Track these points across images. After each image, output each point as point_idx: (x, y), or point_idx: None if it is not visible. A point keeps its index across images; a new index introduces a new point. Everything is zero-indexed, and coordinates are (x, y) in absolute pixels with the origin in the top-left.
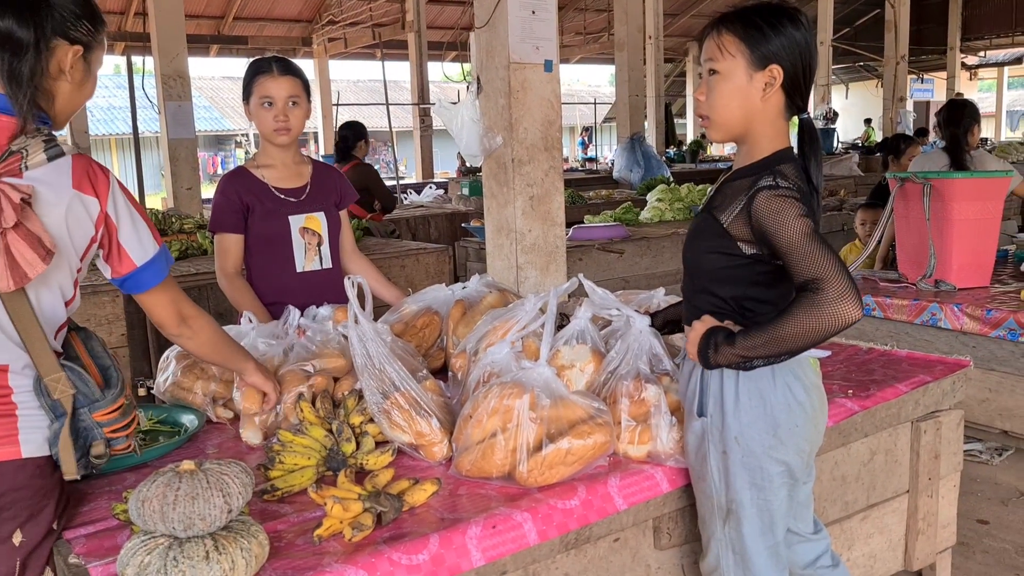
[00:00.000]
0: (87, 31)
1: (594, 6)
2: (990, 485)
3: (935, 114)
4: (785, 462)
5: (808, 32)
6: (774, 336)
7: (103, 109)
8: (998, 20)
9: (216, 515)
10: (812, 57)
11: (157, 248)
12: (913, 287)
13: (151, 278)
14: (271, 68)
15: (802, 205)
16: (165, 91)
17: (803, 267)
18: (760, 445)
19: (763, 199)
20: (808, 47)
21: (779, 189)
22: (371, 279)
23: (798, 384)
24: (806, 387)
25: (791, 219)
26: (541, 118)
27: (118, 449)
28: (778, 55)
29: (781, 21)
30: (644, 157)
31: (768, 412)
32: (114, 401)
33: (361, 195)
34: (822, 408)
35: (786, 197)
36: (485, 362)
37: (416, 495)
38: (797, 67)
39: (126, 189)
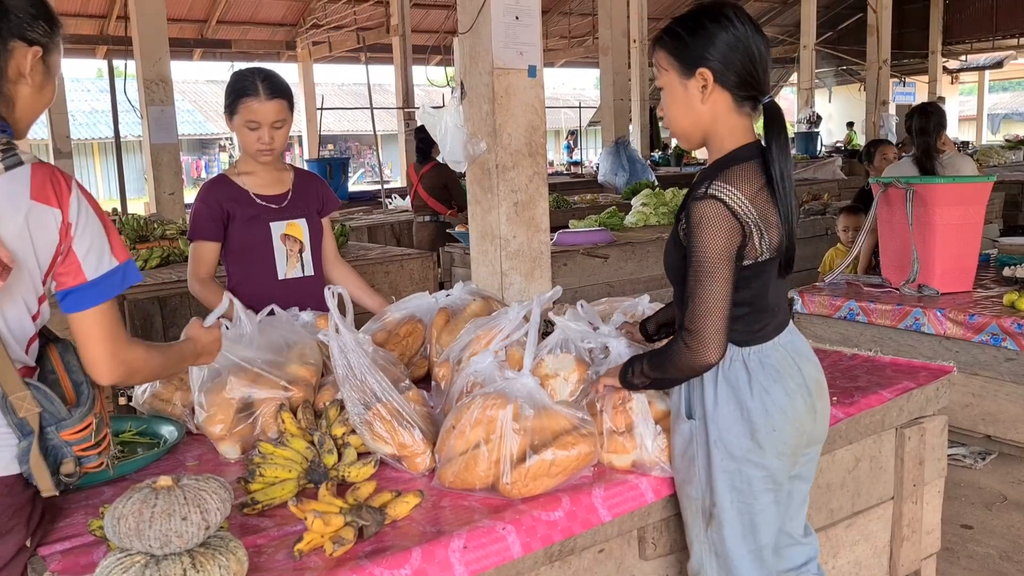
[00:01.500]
0: (44, 31)
1: (579, 10)
2: (974, 490)
3: (905, 118)
4: (765, 466)
5: (736, 23)
6: (658, 365)
7: (85, 113)
8: (978, 25)
9: (193, 532)
10: (749, 46)
11: (116, 263)
12: (896, 292)
13: (97, 295)
14: (257, 91)
15: (731, 219)
16: (147, 95)
17: (686, 298)
18: (738, 449)
19: (692, 206)
20: (738, 39)
21: (707, 199)
22: (353, 287)
23: (778, 387)
24: (788, 390)
25: (704, 236)
26: (525, 124)
27: (90, 467)
28: (702, 57)
29: (701, 23)
30: (629, 161)
31: (745, 416)
32: (82, 420)
33: (440, 193)
34: (810, 410)
35: (711, 207)
36: (468, 371)
37: (398, 508)
38: (729, 61)
39: (91, 197)
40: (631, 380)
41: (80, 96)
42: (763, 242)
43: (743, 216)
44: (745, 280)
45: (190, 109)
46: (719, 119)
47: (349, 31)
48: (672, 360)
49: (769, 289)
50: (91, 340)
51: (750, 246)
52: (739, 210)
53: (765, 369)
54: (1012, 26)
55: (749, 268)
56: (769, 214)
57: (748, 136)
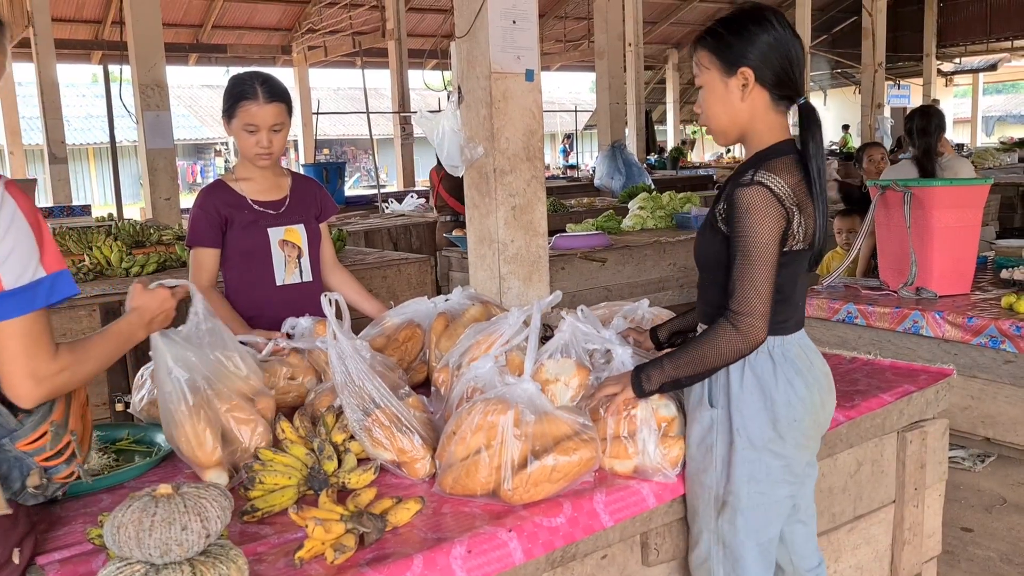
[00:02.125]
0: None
1: (574, 14)
2: (973, 492)
3: (905, 121)
4: (784, 456)
5: (776, 26)
6: (692, 358)
7: (80, 118)
8: (972, 28)
9: (194, 540)
10: (787, 48)
11: (43, 273)
12: (895, 295)
13: (15, 307)
14: (256, 94)
15: (777, 205)
16: (143, 100)
17: (733, 281)
18: (760, 438)
19: (737, 193)
20: (778, 41)
21: (753, 185)
22: (352, 292)
23: (799, 379)
24: (808, 383)
25: (752, 221)
26: (523, 128)
27: (60, 477)
28: (744, 57)
29: (744, 25)
30: (625, 164)
31: (768, 406)
32: (34, 429)
33: (459, 193)
34: (824, 404)
35: (759, 193)
36: (468, 377)
37: (399, 514)
38: (769, 62)
39: (24, 198)
40: (647, 387)
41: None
42: (800, 230)
43: (787, 202)
44: (780, 266)
45: (185, 114)
46: (757, 116)
47: (345, 35)
48: (716, 345)
49: (797, 281)
50: (4, 356)
51: (790, 233)
52: (784, 197)
53: (788, 361)
54: (1005, 29)
55: (785, 255)
56: (806, 205)
57: (785, 133)
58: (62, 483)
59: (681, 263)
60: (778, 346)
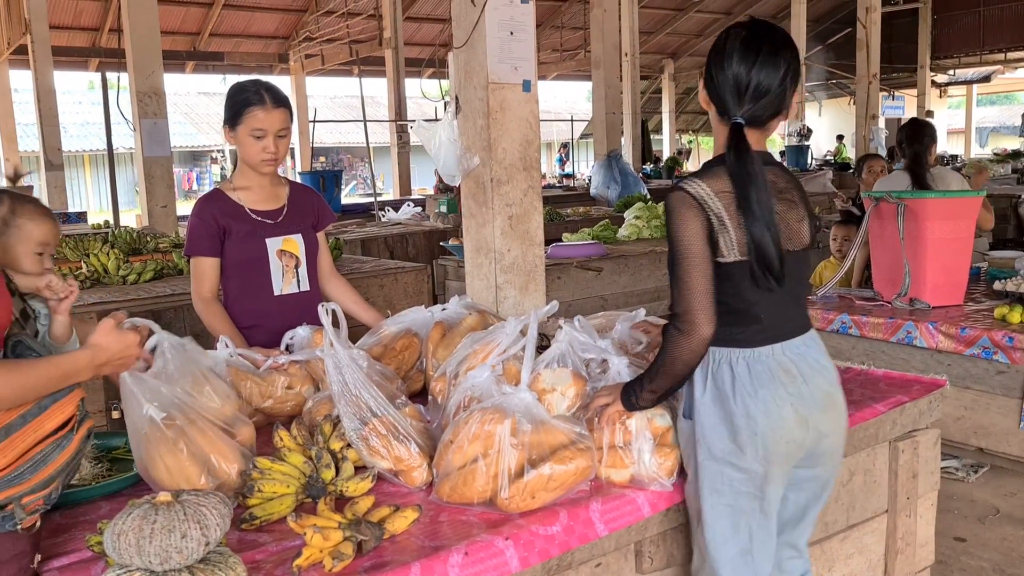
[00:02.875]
0: None
1: (571, 24)
2: (966, 502)
3: (897, 132)
4: (745, 470)
5: (726, 45)
6: (658, 368)
7: (77, 125)
8: (966, 40)
9: (193, 548)
10: (726, 67)
11: None
12: (888, 305)
13: None
14: (263, 100)
15: (694, 206)
16: (140, 108)
17: (671, 286)
18: (719, 450)
19: (665, 198)
20: (716, 53)
21: (673, 189)
22: (349, 301)
23: (764, 392)
24: (778, 397)
25: (673, 223)
26: (520, 138)
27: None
28: (704, 76)
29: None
30: (621, 174)
31: (727, 418)
32: None
33: None
34: (801, 423)
35: (677, 195)
36: (465, 386)
37: (397, 522)
38: (712, 81)
39: None
40: (636, 403)
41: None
42: (727, 241)
43: (707, 207)
44: (719, 278)
45: (182, 121)
46: (715, 129)
47: (342, 44)
48: (669, 352)
49: (745, 295)
50: None
51: (719, 243)
52: (702, 199)
53: (752, 374)
54: (999, 41)
55: (719, 267)
56: (732, 214)
57: (720, 148)
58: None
59: None
60: (742, 359)
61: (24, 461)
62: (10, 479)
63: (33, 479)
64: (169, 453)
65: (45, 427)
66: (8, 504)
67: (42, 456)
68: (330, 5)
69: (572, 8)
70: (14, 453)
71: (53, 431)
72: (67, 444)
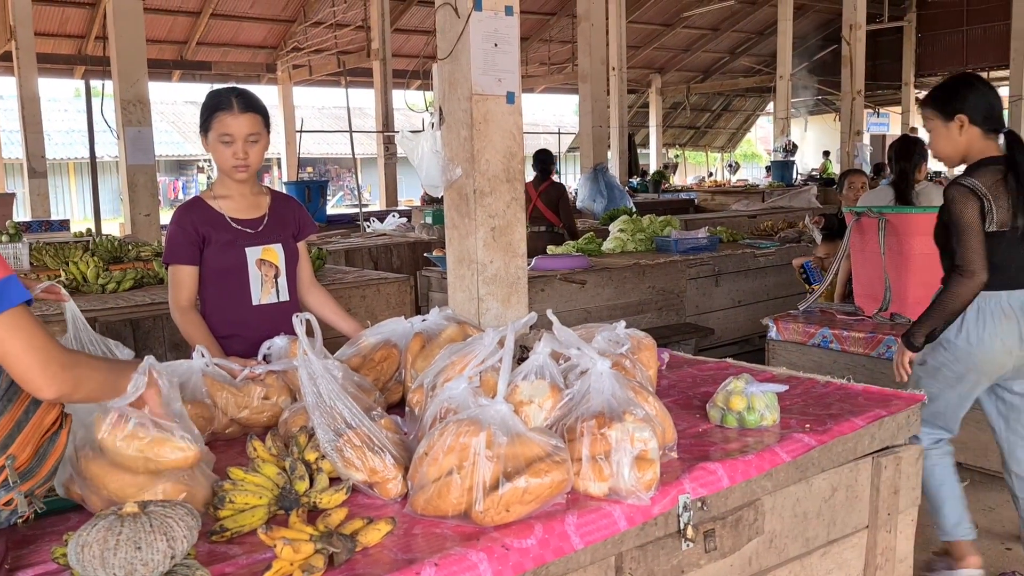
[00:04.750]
0: None
1: (559, 37)
2: None
3: (887, 148)
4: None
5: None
6: (933, 309)
7: (62, 133)
8: (949, 58)
9: (159, 560)
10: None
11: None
12: (869, 320)
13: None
14: (231, 104)
15: (971, 195)
16: (124, 116)
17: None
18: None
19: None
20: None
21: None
22: (329, 311)
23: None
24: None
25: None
26: (503, 150)
27: (1, 503)
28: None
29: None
30: (607, 187)
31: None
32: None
33: (554, 207)
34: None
35: (957, 189)
36: (442, 397)
37: (370, 535)
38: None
39: None
40: (913, 343)
41: (57, 116)
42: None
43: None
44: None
45: (168, 130)
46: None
47: (330, 55)
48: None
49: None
50: (10, 355)
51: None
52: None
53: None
54: (982, 60)
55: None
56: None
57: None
58: (7, 510)
59: (660, 286)
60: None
61: (34, 455)
62: (25, 473)
63: (40, 473)
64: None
65: (44, 422)
66: (12, 500)
67: (42, 451)
68: (318, 16)
69: (560, 22)
70: (31, 448)
71: (48, 427)
72: (58, 439)
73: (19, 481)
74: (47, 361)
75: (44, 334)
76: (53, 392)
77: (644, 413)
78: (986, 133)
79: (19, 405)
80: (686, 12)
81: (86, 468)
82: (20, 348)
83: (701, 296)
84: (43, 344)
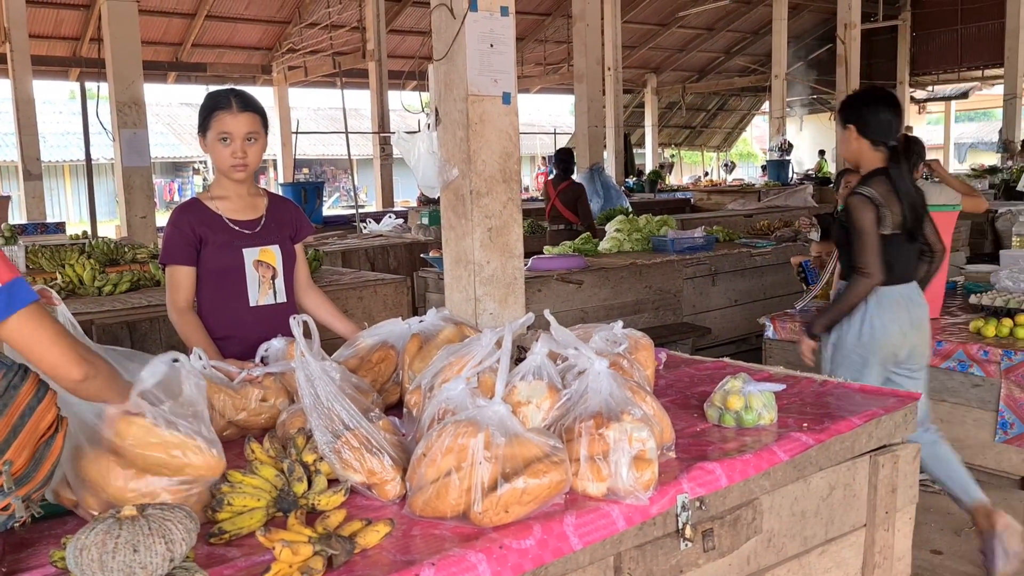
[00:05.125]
0: None
1: (554, 38)
2: (942, 515)
3: None
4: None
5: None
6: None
7: (57, 135)
8: (944, 57)
9: (158, 563)
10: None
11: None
12: None
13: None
14: (230, 104)
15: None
16: (120, 118)
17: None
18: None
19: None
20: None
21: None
22: (325, 313)
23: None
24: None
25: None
26: (499, 150)
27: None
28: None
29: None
30: (603, 187)
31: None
32: None
33: (572, 205)
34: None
35: (856, 199)
36: (440, 399)
37: (368, 536)
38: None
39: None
40: (814, 332)
41: (52, 118)
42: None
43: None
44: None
45: (164, 132)
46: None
47: (325, 56)
48: (851, 291)
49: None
50: (37, 348)
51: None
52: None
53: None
54: (976, 59)
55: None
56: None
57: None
58: (5, 515)
59: (657, 285)
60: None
61: (30, 460)
62: (21, 478)
63: (36, 477)
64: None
65: (40, 426)
66: (9, 505)
67: (39, 455)
68: (314, 17)
69: (555, 22)
70: (27, 452)
71: (44, 431)
72: (53, 443)
73: (15, 487)
74: (72, 347)
75: (60, 325)
76: (82, 374)
77: (642, 413)
78: (874, 145)
79: (15, 409)
80: (681, 12)
81: (85, 469)
82: (46, 340)
83: (698, 296)
84: (63, 333)
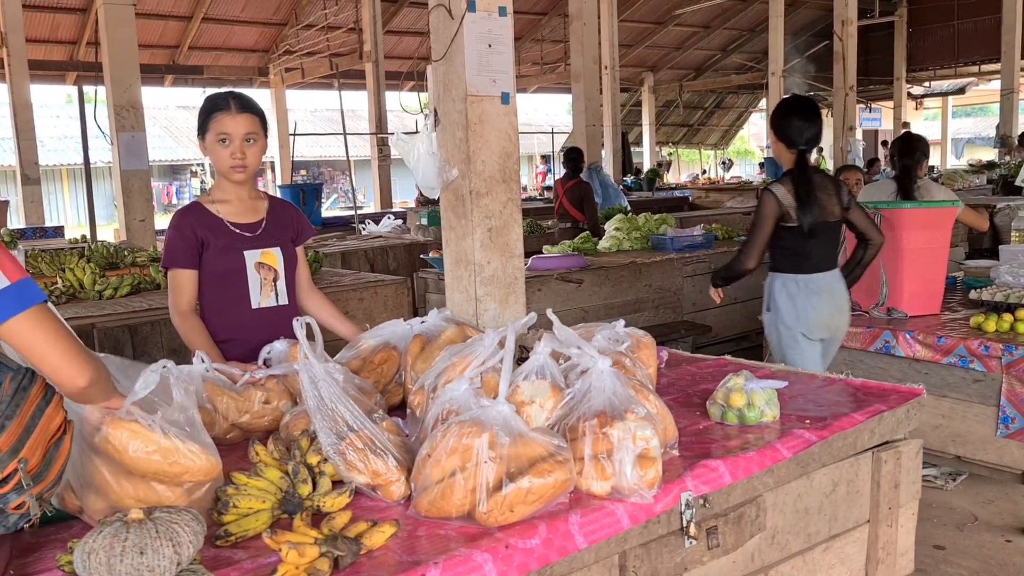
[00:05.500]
0: None
1: (551, 37)
2: (945, 511)
3: (890, 144)
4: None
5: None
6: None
7: (55, 139)
8: (941, 52)
9: (165, 566)
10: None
11: (7, 283)
12: (866, 315)
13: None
14: (228, 105)
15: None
16: (118, 122)
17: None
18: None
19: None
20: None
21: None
22: (327, 315)
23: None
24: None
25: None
26: (499, 150)
27: (12, 507)
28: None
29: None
30: (602, 186)
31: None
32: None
33: (579, 204)
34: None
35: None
36: (443, 399)
37: (374, 537)
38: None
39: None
40: (717, 283)
41: (49, 122)
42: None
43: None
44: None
45: (161, 135)
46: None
47: (322, 57)
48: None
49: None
50: (39, 350)
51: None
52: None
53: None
54: (973, 54)
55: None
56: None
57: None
58: (18, 514)
59: (657, 284)
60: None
61: (43, 459)
62: (35, 476)
63: (48, 476)
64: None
65: (50, 427)
66: (23, 504)
67: (49, 455)
68: (310, 19)
69: (552, 21)
70: (40, 451)
71: (53, 431)
72: (62, 444)
73: (32, 484)
74: (75, 351)
75: (65, 328)
76: (85, 379)
77: (645, 411)
78: (788, 148)
79: (27, 408)
80: (677, 10)
81: (93, 473)
82: (49, 342)
83: (697, 293)
84: (67, 336)
